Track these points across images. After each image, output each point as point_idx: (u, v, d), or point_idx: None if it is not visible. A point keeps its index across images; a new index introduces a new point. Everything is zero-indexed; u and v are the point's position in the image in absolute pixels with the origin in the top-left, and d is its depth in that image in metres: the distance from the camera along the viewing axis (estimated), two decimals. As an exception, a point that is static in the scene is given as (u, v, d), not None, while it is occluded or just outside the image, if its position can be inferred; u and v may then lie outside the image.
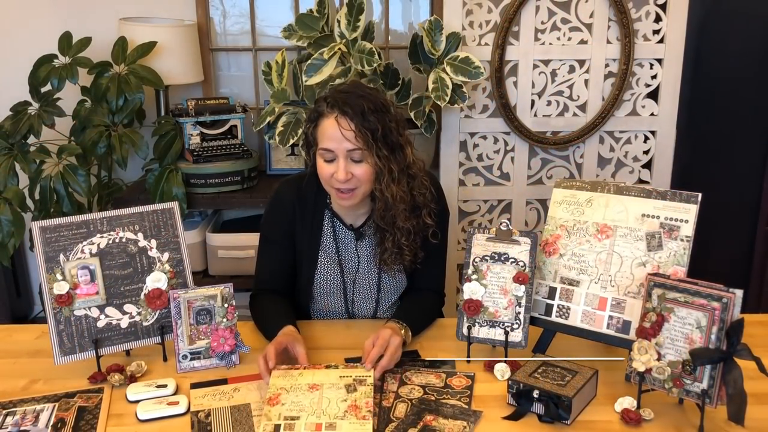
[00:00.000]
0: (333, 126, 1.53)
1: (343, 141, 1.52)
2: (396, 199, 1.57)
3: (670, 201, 1.43)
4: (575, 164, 2.57)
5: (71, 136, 2.58)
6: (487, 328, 1.50)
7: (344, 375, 1.40)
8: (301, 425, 1.26)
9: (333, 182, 1.57)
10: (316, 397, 1.33)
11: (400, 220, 1.60)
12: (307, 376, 1.39)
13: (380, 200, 1.59)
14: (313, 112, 1.59)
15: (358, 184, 1.56)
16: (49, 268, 1.46)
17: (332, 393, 1.35)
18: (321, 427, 1.26)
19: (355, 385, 1.36)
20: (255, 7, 2.82)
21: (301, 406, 1.31)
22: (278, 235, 1.71)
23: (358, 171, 1.55)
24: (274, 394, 1.34)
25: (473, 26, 2.42)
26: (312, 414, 1.29)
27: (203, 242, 2.69)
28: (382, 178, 1.55)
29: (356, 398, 1.33)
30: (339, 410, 1.30)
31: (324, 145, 1.55)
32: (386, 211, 1.60)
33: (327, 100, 1.56)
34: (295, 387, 1.37)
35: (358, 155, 1.54)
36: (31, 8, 2.81)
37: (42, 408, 1.36)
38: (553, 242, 1.53)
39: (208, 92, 2.87)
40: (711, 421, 1.28)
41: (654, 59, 2.46)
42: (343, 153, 1.53)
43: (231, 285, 1.51)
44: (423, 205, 1.64)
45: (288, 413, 1.29)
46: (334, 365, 1.43)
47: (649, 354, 1.29)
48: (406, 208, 1.60)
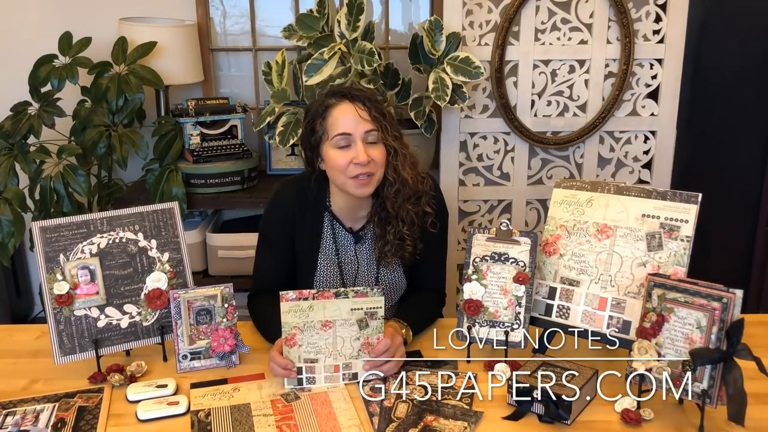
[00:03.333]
0: (348, 110, 1.57)
1: (360, 122, 1.56)
2: (409, 180, 1.60)
3: (670, 201, 1.43)
4: (575, 164, 2.57)
5: (71, 136, 2.58)
6: (487, 328, 1.50)
7: (355, 307, 1.42)
8: (321, 368, 1.42)
9: (351, 170, 1.57)
10: (331, 337, 1.42)
11: (408, 205, 1.62)
12: (318, 311, 1.41)
13: (393, 184, 1.61)
14: (320, 106, 1.62)
15: (376, 168, 1.59)
16: (49, 268, 1.46)
17: (345, 331, 1.42)
18: (339, 368, 1.43)
19: (366, 320, 1.43)
20: (255, 7, 2.82)
21: (318, 347, 1.42)
22: (277, 235, 1.71)
23: (376, 153, 1.58)
24: (290, 335, 1.41)
25: (473, 26, 2.42)
26: (329, 356, 1.42)
27: (203, 242, 2.69)
28: (397, 159, 1.60)
29: (368, 335, 1.43)
30: (353, 350, 1.43)
31: (340, 131, 1.57)
32: (397, 195, 1.62)
33: (332, 94, 1.62)
34: (308, 325, 1.41)
35: (374, 137, 1.58)
36: (31, 8, 2.81)
37: (42, 408, 1.36)
38: (553, 242, 1.53)
39: (208, 92, 2.87)
40: (711, 421, 1.28)
41: (654, 59, 2.46)
42: (361, 135, 1.57)
43: (231, 285, 1.51)
44: (423, 193, 1.66)
45: (306, 355, 1.42)
46: (343, 293, 1.42)
47: (649, 354, 1.29)
48: (415, 193, 1.63)
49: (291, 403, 1.37)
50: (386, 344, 1.44)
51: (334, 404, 1.37)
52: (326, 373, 1.42)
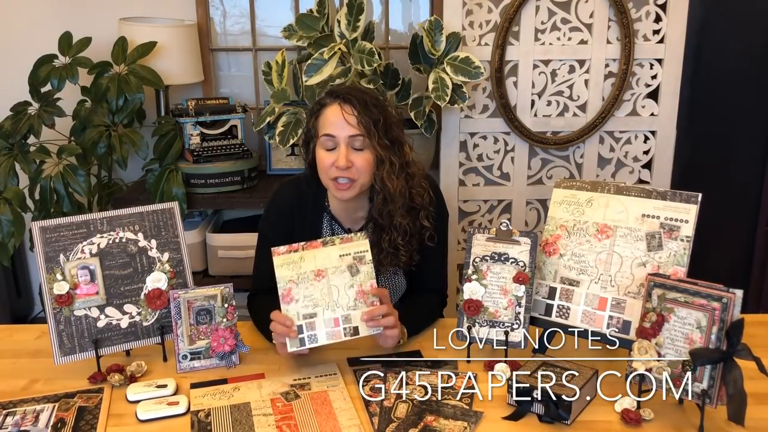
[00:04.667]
0: (336, 112, 1.56)
1: (345, 126, 1.55)
2: (396, 192, 1.58)
3: (670, 201, 1.43)
4: (575, 164, 2.57)
5: (71, 136, 2.58)
6: (487, 328, 1.50)
7: (343, 253, 1.47)
8: (321, 322, 1.44)
9: (332, 171, 1.57)
10: (325, 287, 1.45)
11: (397, 217, 1.60)
12: (309, 261, 1.46)
13: (380, 193, 1.60)
14: (315, 105, 1.63)
15: (357, 175, 1.57)
16: (49, 268, 1.46)
17: (338, 279, 1.46)
18: (339, 321, 1.45)
19: (356, 265, 1.47)
20: (255, 7, 2.82)
21: (315, 300, 1.45)
22: (277, 235, 1.71)
23: (358, 160, 1.56)
24: (286, 290, 1.45)
25: (473, 26, 2.42)
26: (327, 308, 1.45)
27: (203, 242, 2.69)
28: (383, 169, 1.57)
29: (361, 281, 1.46)
30: (349, 299, 1.46)
31: (326, 131, 1.57)
32: (385, 206, 1.61)
33: (329, 94, 1.61)
34: (302, 277, 1.46)
35: (359, 143, 1.56)
36: (31, 8, 2.81)
37: (42, 408, 1.36)
38: (553, 242, 1.53)
39: (208, 92, 2.87)
40: (711, 421, 1.28)
41: (654, 59, 2.46)
42: (345, 139, 1.56)
43: (231, 285, 1.52)
44: (421, 207, 1.64)
45: (304, 310, 1.44)
46: (330, 240, 1.48)
47: (649, 354, 1.29)
48: (404, 205, 1.61)
49: (291, 403, 1.37)
50: (382, 309, 1.46)
51: (334, 404, 1.37)
52: (327, 328, 1.44)
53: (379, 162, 1.57)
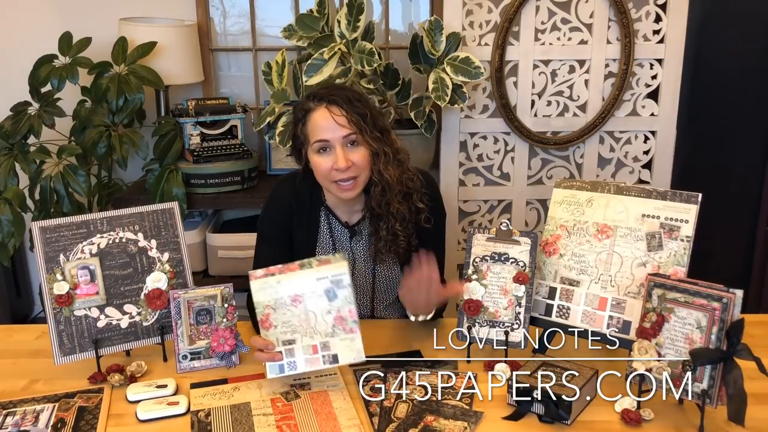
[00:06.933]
0: (324, 116, 1.56)
1: (337, 128, 1.55)
2: (393, 180, 1.59)
3: (670, 201, 1.43)
4: (575, 164, 2.57)
5: (71, 136, 2.58)
6: (487, 328, 1.50)
7: (320, 277, 1.43)
8: (299, 349, 1.41)
9: (333, 174, 1.58)
10: (303, 313, 1.42)
11: (395, 204, 1.61)
12: (286, 285, 1.42)
13: (378, 184, 1.60)
14: (300, 111, 1.63)
15: (358, 171, 1.58)
16: (49, 268, 1.46)
17: (315, 304, 1.42)
18: (317, 349, 1.41)
19: (333, 290, 1.42)
20: (255, 7, 2.82)
21: (293, 327, 1.42)
22: (275, 232, 1.72)
23: (356, 156, 1.57)
24: (264, 315, 1.42)
25: (473, 26, 2.42)
26: (305, 335, 1.42)
27: (203, 242, 2.69)
28: (379, 161, 1.58)
29: (339, 307, 1.42)
30: (327, 325, 1.42)
31: (319, 137, 1.57)
32: (383, 196, 1.61)
33: (311, 97, 1.61)
34: (279, 302, 1.42)
35: (353, 140, 1.56)
36: (31, 8, 2.81)
37: (42, 408, 1.36)
38: (553, 242, 1.53)
39: (208, 92, 2.87)
40: (711, 421, 1.28)
41: (654, 59, 2.46)
42: (339, 140, 1.56)
43: (231, 285, 1.51)
44: (414, 190, 1.65)
45: (283, 336, 1.42)
46: (307, 263, 1.44)
47: (649, 354, 1.29)
48: (401, 191, 1.62)
49: (291, 403, 1.38)
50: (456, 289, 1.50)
51: (334, 404, 1.37)
52: (306, 355, 1.41)
53: (374, 155, 1.58)
